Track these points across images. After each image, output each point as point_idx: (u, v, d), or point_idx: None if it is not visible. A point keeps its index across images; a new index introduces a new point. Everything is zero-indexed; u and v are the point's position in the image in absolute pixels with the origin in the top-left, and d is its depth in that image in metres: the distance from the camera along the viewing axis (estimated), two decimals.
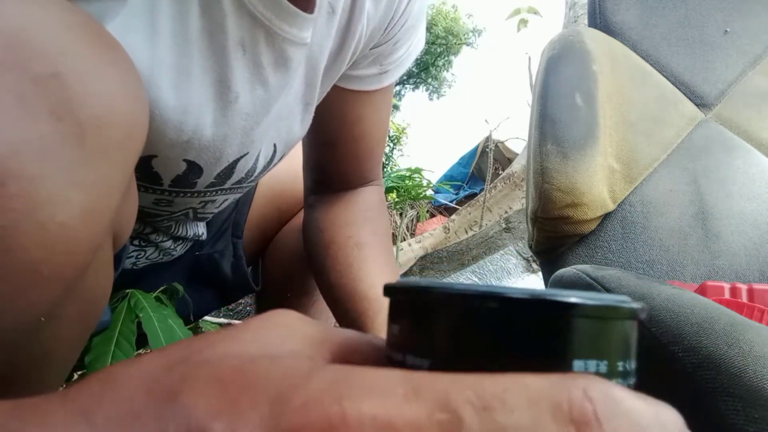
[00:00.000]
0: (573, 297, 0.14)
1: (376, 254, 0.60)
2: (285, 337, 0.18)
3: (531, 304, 0.14)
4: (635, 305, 0.16)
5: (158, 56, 0.39)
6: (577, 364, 0.14)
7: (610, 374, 0.15)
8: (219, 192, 0.55)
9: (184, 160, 0.46)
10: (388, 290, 0.17)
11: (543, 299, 0.14)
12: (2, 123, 0.22)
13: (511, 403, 0.13)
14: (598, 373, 0.15)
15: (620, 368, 0.15)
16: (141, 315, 0.54)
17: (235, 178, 0.54)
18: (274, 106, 0.48)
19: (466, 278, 1.94)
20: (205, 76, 0.42)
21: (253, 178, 0.56)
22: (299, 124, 0.55)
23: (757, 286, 0.66)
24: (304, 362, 0.16)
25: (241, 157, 0.51)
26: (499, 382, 0.13)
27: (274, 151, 0.56)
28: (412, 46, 0.61)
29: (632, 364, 0.16)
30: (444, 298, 0.15)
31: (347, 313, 0.57)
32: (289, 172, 0.76)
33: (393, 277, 0.61)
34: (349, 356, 0.18)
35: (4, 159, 0.22)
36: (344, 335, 0.19)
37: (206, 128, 0.44)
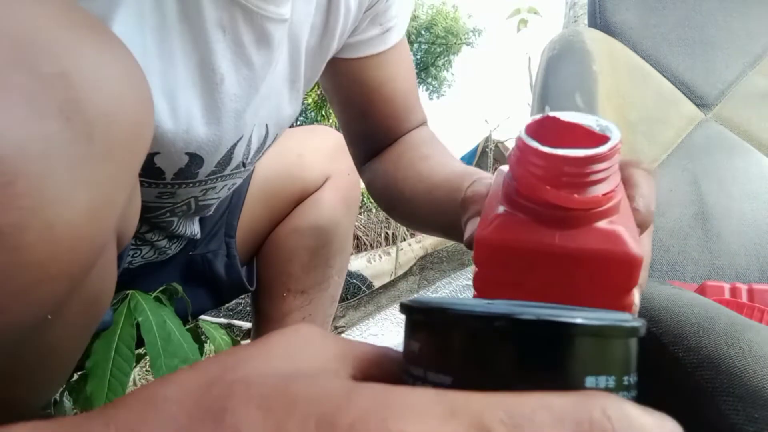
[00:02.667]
0: (579, 318, 0.15)
1: (444, 156, 0.61)
2: (312, 353, 0.18)
3: (539, 325, 0.15)
4: (636, 323, 0.17)
5: (145, 45, 0.39)
6: (589, 380, 0.16)
7: (617, 388, 0.16)
8: (219, 179, 0.56)
9: (186, 153, 0.47)
10: (406, 309, 0.18)
11: (549, 321, 0.15)
12: (10, 122, 0.22)
13: (539, 422, 0.14)
14: (607, 388, 0.16)
15: (625, 382, 0.16)
16: (140, 319, 0.54)
17: (233, 163, 0.54)
18: (261, 85, 0.49)
19: (467, 278, 1.94)
20: (188, 59, 0.42)
21: (249, 160, 0.57)
22: (288, 103, 0.56)
23: (757, 286, 0.66)
24: (337, 381, 0.16)
25: (238, 141, 0.51)
26: (527, 402, 0.14)
27: (267, 132, 0.56)
28: None
29: (634, 378, 0.17)
30: (458, 320, 0.16)
31: (440, 205, 0.51)
32: (281, 173, 0.77)
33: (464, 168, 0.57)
34: (368, 369, 0.19)
35: (12, 158, 0.22)
36: (362, 349, 0.20)
37: (198, 111, 0.45)
